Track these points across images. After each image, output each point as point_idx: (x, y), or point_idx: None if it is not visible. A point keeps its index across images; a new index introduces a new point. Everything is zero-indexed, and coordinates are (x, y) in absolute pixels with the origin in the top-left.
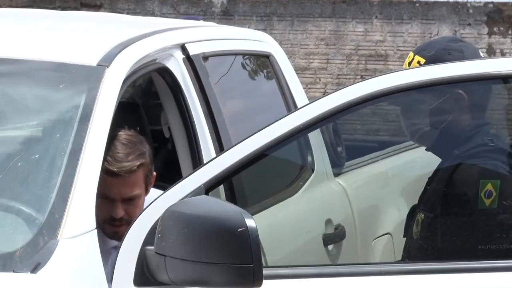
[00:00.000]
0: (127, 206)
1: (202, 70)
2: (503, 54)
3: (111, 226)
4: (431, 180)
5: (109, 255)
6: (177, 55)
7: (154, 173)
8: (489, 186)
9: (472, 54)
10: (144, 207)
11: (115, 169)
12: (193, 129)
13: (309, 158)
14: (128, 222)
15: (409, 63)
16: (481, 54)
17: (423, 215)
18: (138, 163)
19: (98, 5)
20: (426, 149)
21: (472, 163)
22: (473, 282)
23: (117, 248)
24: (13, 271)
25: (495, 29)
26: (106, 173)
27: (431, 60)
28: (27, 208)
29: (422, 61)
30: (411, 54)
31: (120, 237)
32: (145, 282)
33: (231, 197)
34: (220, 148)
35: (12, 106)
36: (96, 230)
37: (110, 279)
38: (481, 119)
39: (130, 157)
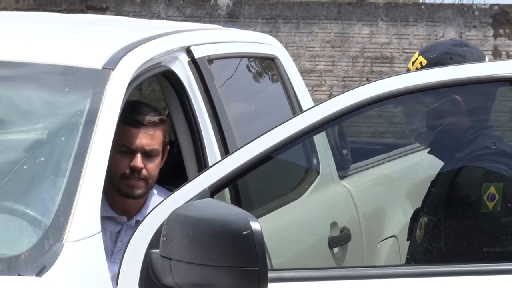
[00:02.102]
0: (145, 162)
1: (207, 72)
2: (508, 56)
3: (129, 180)
4: (434, 183)
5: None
6: (182, 58)
7: (168, 147)
8: (491, 189)
9: (475, 61)
10: (149, 209)
11: (140, 119)
12: (199, 132)
13: (315, 161)
14: (145, 178)
15: (413, 62)
16: (487, 59)
17: (426, 219)
18: (160, 117)
19: (103, 8)
20: (429, 152)
21: (474, 166)
22: (477, 285)
23: (111, 219)
24: (19, 275)
25: (500, 31)
26: (130, 124)
27: (433, 62)
28: (33, 211)
29: (424, 62)
30: (417, 53)
31: (135, 195)
32: (150, 285)
33: (236, 200)
34: (225, 151)
35: (17, 109)
36: (101, 234)
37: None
38: (483, 122)
39: (153, 112)
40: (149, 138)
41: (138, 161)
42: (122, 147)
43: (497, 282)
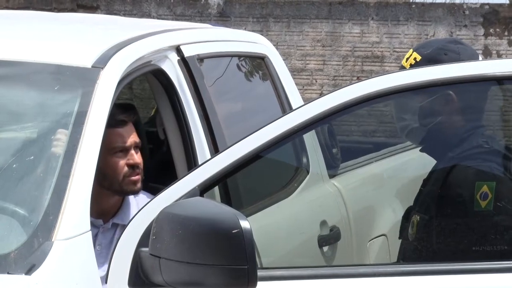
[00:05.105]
0: (137, 155)
1: (197, 71)
2: (499, 56)
3: (130, 177)
4: (426, 181)
5: None
6: (172, 57)
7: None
8: (484, 188)
9: (469, 58)
10: (125, 211)
11: (124, 118)
12: (188, 131)
13: (304, 160)
14: (141, 171)
15: (407, 59)
16: (481, 58)
17: (418, 217)
18: (134, 115)
19: (94, 7)
20: (421, 150)
21: (467, 165)
22: (468, 284)
23: (95, 225)
24: (8, 273)
25: (491, 30)
26: (117, 126)
27: (427, 58)
28: (22, 209)
29: (418, 58)
30: (411, 50)
31: (138, 189)
32: (139, 283)
33: (226, 199)
34: (215, 149)
35: (7, 108)
36: (90, 232)
37: None
38: (476, 121)
39: (121, 108)
40: (134, 132)
41: (136, 156)
42: (116, 149)
43: (489, 281)
